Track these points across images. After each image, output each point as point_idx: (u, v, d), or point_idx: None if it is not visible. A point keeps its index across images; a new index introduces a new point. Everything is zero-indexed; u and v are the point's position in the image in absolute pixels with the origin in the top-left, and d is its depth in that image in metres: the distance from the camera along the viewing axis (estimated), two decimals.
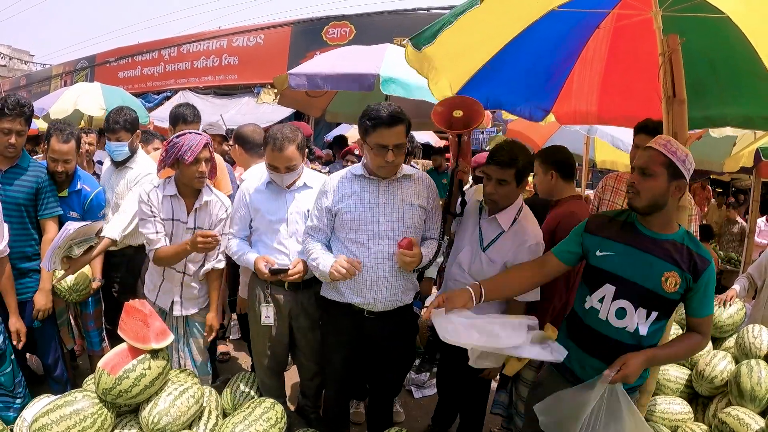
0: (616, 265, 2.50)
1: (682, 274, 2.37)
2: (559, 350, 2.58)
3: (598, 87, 3.68)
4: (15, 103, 3.41)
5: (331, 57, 5.95)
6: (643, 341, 2.48)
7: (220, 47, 17.27)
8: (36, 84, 25.54)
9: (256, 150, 4.16)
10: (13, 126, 3.39)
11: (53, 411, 2.62)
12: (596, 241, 2.58)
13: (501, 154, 3.02)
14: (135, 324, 2.86)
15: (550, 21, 3.03)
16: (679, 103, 2.66)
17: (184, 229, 3.44)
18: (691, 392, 3.64)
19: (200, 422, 2.96)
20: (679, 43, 2.63)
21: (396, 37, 12.12)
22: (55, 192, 3.75)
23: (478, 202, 3.27)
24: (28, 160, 3.66)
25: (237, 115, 14.63)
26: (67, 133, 3.70)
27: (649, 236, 2.46)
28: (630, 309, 2.46)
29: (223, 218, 3.53)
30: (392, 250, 2.98)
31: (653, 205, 2.40)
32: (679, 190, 2.38)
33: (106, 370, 2.71)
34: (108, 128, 4.13)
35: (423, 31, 2.87)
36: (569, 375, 2.67)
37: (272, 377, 3.70)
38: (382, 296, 3.03)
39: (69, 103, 8.07)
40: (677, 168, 2.33)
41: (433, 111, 3.21)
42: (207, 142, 3.33)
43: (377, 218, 2.97)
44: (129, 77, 19.40)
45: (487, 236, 3.17)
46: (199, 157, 3.27)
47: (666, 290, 2.39)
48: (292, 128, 3.34)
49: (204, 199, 3.45)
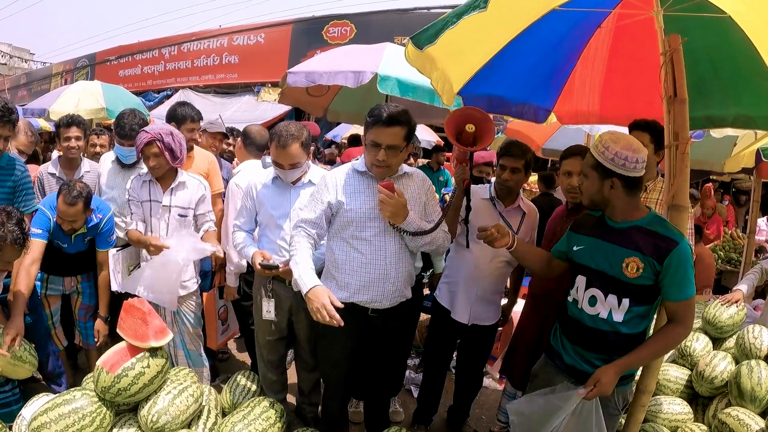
0: (586, 256, 2.69)
1: (644, 258, 2.45)
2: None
3: (599, 86, 3.68)
4: (3, 109, 3.26)
5: (330, 55, 5.94)
6: (620, 328, 2.56)
7: (220, 46, 17.30)
8: (36, 82, 25.56)
9: (254, 150, 4.27)
10: (2, 132, 3.32)
11: (52, 409, 2.62)
12: (575, 237, 2.81)
13: (514, 148, 3.58)
14: (134, 322, 2.86)
15: (551, 20, 3.02)
16: (680, 103, 2.65)
17: (160, 208, 3.79)
18: (691, 393, 3.63)
19: (199, 421, 2.97)
20: (680, 43, 2.62)
21: (396, 36, 12.09)
22: (31, 188, 3.70)
23: (485, 200, 3.62)
24: (7, 158, 3.55)
25: (237, 113, 14.67)
26: (75, 195, 3.53)
27: (613, 227, 2.62)
28: (600, 296, 2.60)
29: (202, 195, 3.89)
30: (398, 245, 3.01)
31: (594, 202, 2.62)
32: (616, 186, 2.50)
33: (105, 369, 2.71)
34: (124, 134, 4.21)
35: (424, 30, 2.85)
36: (559, 362, 2.81)
37: (273, 371, 3.77)
38: (389, 292, 3.04)
39: (70, 105, 8.04)
40: (605, 167, 2.49)
41: (446, 121, 3.34)
42: (151, 139, 3.60)
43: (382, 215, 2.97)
44: (129, 76, 19.46)
45: (514, 223, 3.62)
46: (145, 153, 3.66)
47: (628, 275, 2.49)
48: (297, 126, 3.39)
49: (178, 180, 3.82)
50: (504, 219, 3.60)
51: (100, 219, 3.84)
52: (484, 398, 4.78)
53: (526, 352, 3.61)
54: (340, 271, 3.02)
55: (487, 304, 3.72)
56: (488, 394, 4.88)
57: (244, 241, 3.55)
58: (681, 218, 2.64)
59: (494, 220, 3.54)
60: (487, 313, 3.73)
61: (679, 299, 2.45)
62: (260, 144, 4.30)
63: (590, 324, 2.64)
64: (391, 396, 3.60)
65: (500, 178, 3.61)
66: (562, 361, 2.78)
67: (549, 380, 2.82)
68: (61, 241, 3.77)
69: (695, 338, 3.73)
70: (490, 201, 3.66)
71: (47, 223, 3.62)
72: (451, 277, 3.77)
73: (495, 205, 3.65)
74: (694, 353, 3.66)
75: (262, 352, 3.74)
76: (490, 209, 3.63)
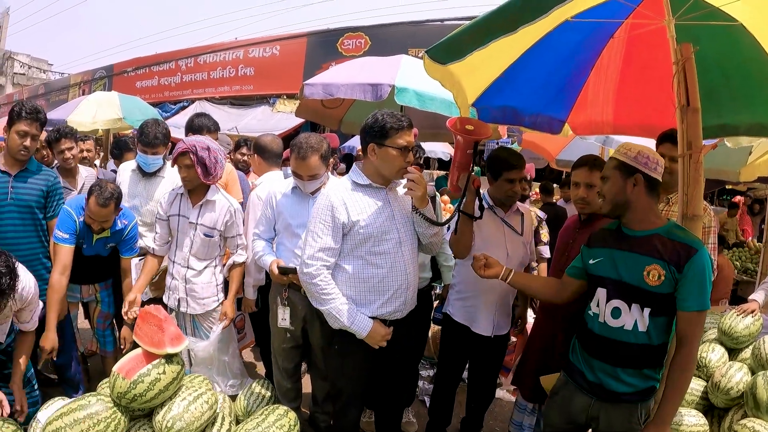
0: (604, 267, 2.66)
1: (666, 265, 2.42)
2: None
3: (613, 97, 3.67)
4: (32, 108, 3.53)
5: (346, 67, 5.97)
6: (647, 338, 2.53)
7: (236, 58, 17.46)
8: (54, 93, 25.93)
9: (274, 159, 4.29)
10: (30, 129, 3.51)
11: (67, 414, 2.63)
12: (591, 252, 2.77)
13: (515, 158, 3.57)
14: (150, 329, 2.89)
15: (564, 31, 3.02)
16: (693, 112, 2.65)
17: (187, 224, 3.73)
18: (707, 404, 3.59)
19: (213, 428, 2.97)
20: (692, 52, 2.62)
21: (411, 48, 12.15)
22: (62, 194, 3.85)
23: (486, 209, 3.60)
24: (36, 164, 3.74)
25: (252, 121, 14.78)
26: (107, 197, 3.57)
27: (631, 236, 2.60)
28: (624, 307, 2.56)
29: (228, 221, 3.75)
30: (412, 251, 3.04)
31: (617, 203, 2.59)
32: (638, 183, 2.52)
33: (121, 374, 2.73)
34: (148, 143, 4.26)
35: (445, 44, 2.88)
36: (581, 379, 2.75)
37: (287, 379, 3.80)
38: (409, 300, 3.06)
39: (88, 115, 8.14)
40: (628, 165, 2.53)
41: (449, 120, 3.30)
42: (185, 150, 3.59)
43: (395, 226, 2.97)
44: (146, 87, 19.66)
45: (516, 224, 3.67)
46: (178, 163, 3.65)
47: (649, 283, 2.46)
48: (317, 138, 3.45)
49: (207, 198, 3.72)
50: (507, 224, 3.63)
51: (125, 225, 3.89)
52: (498, 409, 4.77)
53: (537, 364, 3.58)
54: (357, 289, 2.97)
55: (507, 313, 3.74)
56: (502, 405, 4.87)
57: (263, 250, 3.60)
58: (695, 227, 2.63)
59: (499, 227, 3.61)
60: (506, 322, 3.75)
61: (692, 309, 2.40)
62: (277, 152, 4.32)
63: (615, 337, 2.59)
64: (405, 406, 3.60)
65: (510, 192, 3.57)
66: (585, 378, 2.73)
67: (569, 398, 2.80)
68: (83, 240, 3.80)
69: (711, 349, 3.69)
70: (490, 210, 3.63)
71: (73, 225, 3.67)
72: (466, 291, 3.69)
73: (495, 212, 3.65)
74: (709, 364, 3.62)
75: (277, 360, 3.77)
76: (492, 216, 3.62)
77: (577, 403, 2.76)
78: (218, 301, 3.91)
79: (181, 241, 3.78)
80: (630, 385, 2.59)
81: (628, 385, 2.59)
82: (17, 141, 3.51)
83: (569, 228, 3.63)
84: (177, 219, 3.77)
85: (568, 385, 2.86)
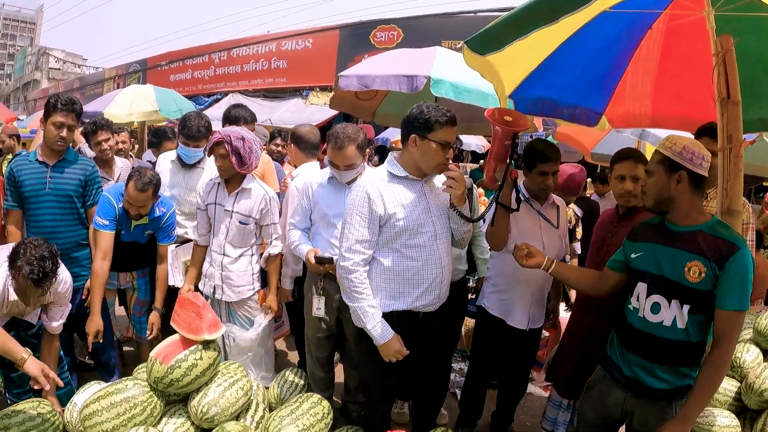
0: (646, 262, 2.62)
1: (707, 262, 2.38)
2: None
3: (651, 89, 3.62)
4: (67, 100, 3.64)
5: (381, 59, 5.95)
6: (685, 335, 2.50)
7: (269, 51, 17.52)
8: (89, 86, 26.35)
9: (311, 150, 4.30)
10: (66, 120, 3.61)
11: (104, 397, 2.70)
12: (633, 246, 2.74)
13: (551, 150, 3.56)
14: (188, 315, 2.95)
15: (602, 22, 2.99)
16: (733, 105, 2.60)
17: (223, 211, 3.83)
18: (740, 405, 3.52)
19: (247, 414, 3.02)
20: (732, 43, 2.58)
21: (444, 39, 12.09)
22: (101, 183, 3.95)
23: (522, 202, 3.53)
24: (74, 154, 3.84)
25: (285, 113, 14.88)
26: (146, 182, 3.65)
27: (674, 231, 2.55)
28: (663, 303, 2.53)
29: (263, 208, 3.82)
30: (446, 245, 3.03)
31: (660, 200, 2.54)
32: (683, 180, 2.46)
33: (159, 360, 2.79)
34: (191, 136, 4.34)
35: (486, 34, 2.86)
36: (618, 374, 2.73)
37: (320, 368, 3.83)
38: (443, 293, 3.06)
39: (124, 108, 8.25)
40: (672, 161, 2.47)
41: (487, 111, 3.26)
42: (220, 140, 3.66)
43: (431, 219, 2.95)
44: (180, 80, 19.82)
45: (552, 217, 3.68)
46: (214, 153, 3.74)
47: (690, 280, 2.43)
48: (354, 128, 3.46)
49: (243, 186, 3.82)
50: (543, 216, 3.63)
51: (163, 213, 3.97)
52: (529, 404, 4.75)
53: (573, 360, 3.55)
54: (392, 282, 2.96)
55: (542, 306, 3.74)
56: (533, 400, 4.85)
57: (299, 239, 3.64)
58: (735, 223, 2.59)
59: (535, 219, 3.60)
60: (541, 315, 3.75)
61: (731, 308, 2.36)
62: (314, 143, 4.34)
63: (653, 332, 2.56)
64: (441, 398, 3.59)
65: (543, 184, 3.55)
66: (622, 373, 2.71)
67: (606, 393, 2.79)
68: (121, 226, 3.88)
69: (745, 349, 3.62)
70: (526, 202, 3.60)
71: (112, 211, 3.75)
72: (501, 284, 3.66)
73: (531, 204, 3.63)
74: (744, 365, 3.55)
75: (311, 349, 3.81)
76: (528, 209, 3.60)
77: (613, 398, 2.74)
78: (254, 289, 3.95)
79: (217, 228, 3.86)
80: (666, 381, 2.56)
81: (664, 381, 2.56)
82: (54, 132, 3.60)
83: (605, 222, 3.59)
84: (214, 207, 3.85)
85: (605, 379, 2.84)
